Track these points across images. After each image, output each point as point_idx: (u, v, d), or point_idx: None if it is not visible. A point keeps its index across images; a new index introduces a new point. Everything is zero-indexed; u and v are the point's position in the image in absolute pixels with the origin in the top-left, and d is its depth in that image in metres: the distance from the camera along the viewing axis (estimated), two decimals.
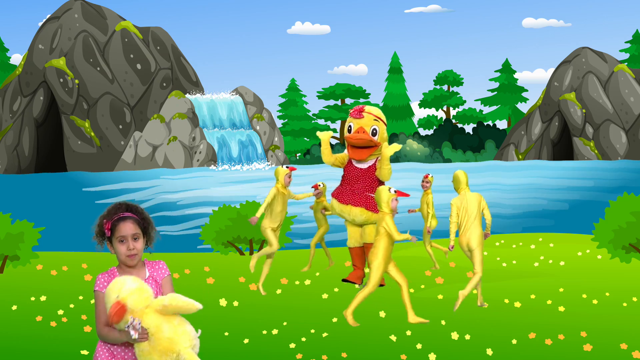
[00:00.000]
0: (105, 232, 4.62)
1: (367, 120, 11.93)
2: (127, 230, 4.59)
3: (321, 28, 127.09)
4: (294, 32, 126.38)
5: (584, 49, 56.30)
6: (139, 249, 4.62)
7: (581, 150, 53.63)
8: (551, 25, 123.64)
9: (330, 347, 8.18)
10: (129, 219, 4.62)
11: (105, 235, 4.63)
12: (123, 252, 4.59)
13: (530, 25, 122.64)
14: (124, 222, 4.61)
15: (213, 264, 14.38)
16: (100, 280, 4.63)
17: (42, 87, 49.96)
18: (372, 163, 12.15)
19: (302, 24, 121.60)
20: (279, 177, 11.40)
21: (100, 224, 4.64)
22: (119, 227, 4.60)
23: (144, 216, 4.69)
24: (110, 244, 4.63)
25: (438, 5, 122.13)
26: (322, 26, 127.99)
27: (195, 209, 29.58)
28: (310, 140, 74.22)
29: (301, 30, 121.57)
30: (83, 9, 51.39)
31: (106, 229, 4.60)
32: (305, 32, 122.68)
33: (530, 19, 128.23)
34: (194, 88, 53.02)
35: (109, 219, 4.63)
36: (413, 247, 16.03)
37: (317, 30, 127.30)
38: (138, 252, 4.61)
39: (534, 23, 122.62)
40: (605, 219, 13.08)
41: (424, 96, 76.59)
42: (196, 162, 48.25)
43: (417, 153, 62.93)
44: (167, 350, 4.42)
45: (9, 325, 9.37)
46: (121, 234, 4.59)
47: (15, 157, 50.04)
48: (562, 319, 9.36)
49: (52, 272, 13.12)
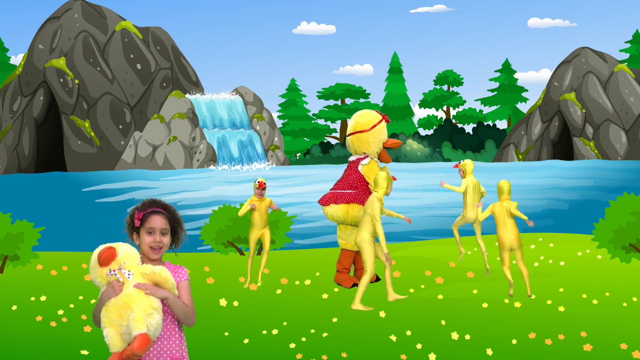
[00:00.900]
0: (135, 223, 4.66)
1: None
2: (157, 224, 4.65)
3: (327, 28, 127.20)
4: (300, 32, 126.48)
5: (584, 49, 56.29)
6: (165, 243, 4.67)
7: (581, 150, 53.63)
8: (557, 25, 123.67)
9: (330, 347, 8.18)
10: (161, 214, 4.69)
11: (134, 226, 4.67)
12: (147, 243, 4.63)
13: (535, 25, 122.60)
14: (155, 215, 4.67)
15: (213, 264, 14.38)
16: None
17: (42, 87, 49.95)
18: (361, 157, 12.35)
19: (308, 24, 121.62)
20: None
21: (133, 214, 4.69)
22: (150, 219, 4.65)
23: (175, 216, 4.76)
24: (137, 236, 4.66)
25: (444, 5, 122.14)
26: (328, 26, 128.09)
27: (195, 209, 29.58)
28: (310, 140, 74.23)
29: (307, 30, 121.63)
30: (83, 9, 51.39)
31: (137, 219, 4.65)
32: (311, 32, 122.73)
33: (536, 19, 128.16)
34: (194, 88, 53.01)
35: (142, 210, 4.68)
36: (413, 247, 16.02)
37: (323, 30, 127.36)
38: (163, 245, 4.66)
39: (540, 23, 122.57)
40: (605, 219, 13.07)
41: (424, 96, 76.60)
42: (196, 162, 48.24)
43: (417, 153, 62.93)
44: (124, 305, 4.42)
45: (9, 325, 9.37)
46: (150, 226, 4.65)
47: (15, 157, 50.03)
48: (562, 319, 9.36)
49: (52, 272, 13.12)
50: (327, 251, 16.52)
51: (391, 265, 10.41)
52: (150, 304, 4.44)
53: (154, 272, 4.50)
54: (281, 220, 15.73)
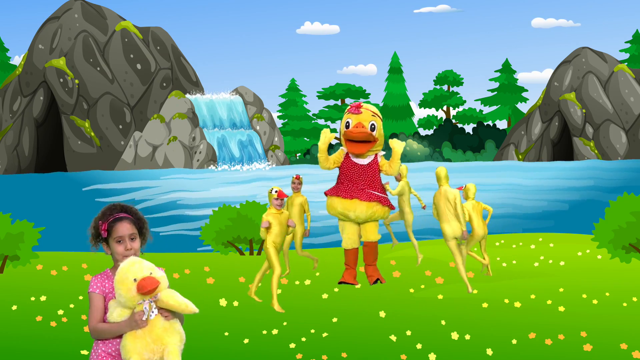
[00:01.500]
0: (101, 234, 4.61)
1: (365, 116, 11.96)
2: (124, 231, 4.59)
3: (330, 28, 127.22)
4: (303, 32, 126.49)
5: (584, 49, 56.28)
6: (136, 248, 4.62)
7: (581, 150, 53.63)
8: (560, 25, 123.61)
9: (330, 347, 8.17)
10: (125, 220, 4.62)
11: (100, 236, 4.62)
12: (121, 252, 4.59)
13: (539, 25, 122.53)
14: (120, 223, 4.60)
15: (213, 264, 14.38)
16: (94, 282, 4.63)
17: (42, 87, 49.95)
18: (372, 159, 12.15)
19: (312, 24, 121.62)
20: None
21: (96, 225, 4.63)
22: (116, 228, 4.59)
23: (138, 216, 4.70)
24: (107, 245, 4.62)
25: (447, 5, 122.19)
26: (332, 26, 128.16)
27: (195, 209, 29.58)
28: (310, 140, 74.20)
29: (310, 30, 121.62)
30: (83, 9, 51.39)
31: (102, 230, 4.59)
32: (315, 32, 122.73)
33: (540, 18, 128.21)
34: (194, 88, 53.01)
35: (104, 220, 4.62)
36: (414, 247, 16.01)
37: (327, 30, 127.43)
38: (136, 251, 4.62)
39: (544, 23, 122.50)
40: (605, 219, 13.07)
41: (424, 96, 76.58)
42: (196, 162, 48.24)
43: (417, 153, 62.92)
44: (157, 340, 4.43)
45: (9, 325, 9.37)
46: (118, 235, 4.58)
47: (15, 157, 50.03)
48: (562, 319, 9.36)
49: (52, 272, 13.12)
50: (328, 251, 16.53)
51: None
52: (181, 337, 4.48)
53: (160, 300, 4.51)
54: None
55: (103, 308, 4.60)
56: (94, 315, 4.60)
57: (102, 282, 4.65)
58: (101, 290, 4.62)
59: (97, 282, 4.66)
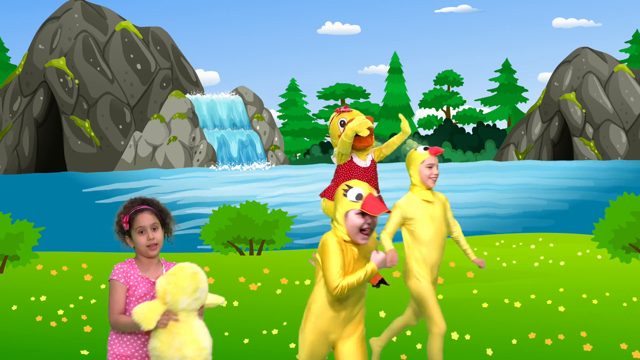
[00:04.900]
0: (123, 227, 4.64)
1: (357, 114, 11.99)
2: (145, 221, 4.64)
3: (351, 28, 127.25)
4: (324, 32, 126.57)
5: (584, 49, 56.28)
6: (159, 238, 4.65)
7: (581, 150, 53.63)
8: (582, 25, 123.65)
9: None
10: (146, 211, 4.68)
11: (124, 230, 4.65)
12: (143, 243, 4.61)
13: (560, 25, 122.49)
14: (141, 214, 4.66)
15: (213, 264, 14.38)
16: (118, 269, 4.63)
17: (42, 87, 49.95)
18: (370, 161, 12.16)
19: (333, 24, 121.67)
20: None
21: (119, 220, 4.68)
22: (137, 219, 4.65)
23: (160, 207, 4.75)
24: (130, 238, 4.65)
25: (468, 5, 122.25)
26: (352, 26, 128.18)
27: (195, 209, 29.56)
28: (310, 140, 74.22)
29: (331, 30, 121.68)
30: (83, 9, 51.38)
31: (124, 223, 4.64)
32: (336, 32, 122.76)
33: (561, 18, 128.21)
34: (194, 88, 53.01)
35: (125, 213, 4.68)
36: None
37: (347, 30, 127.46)
38: (158, 241, 4.65)
39: (564, 23, 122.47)
40: (605, 219, 13.07)
41: (424, 96, 76.58)
42: (196, 162, 48.24)
43: None
44: (195, 341, 4.61)
45: (9, 325, 9.37)
46: (140, 225, 4.63)
47: (15, 157, 50.03)
48: (562, 319, 9.36)
49: (52, 272, 13.12)
50: None
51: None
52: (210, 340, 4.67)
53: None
54: (281, 220, 15.73)
55: (125, 299, 4.58)
56: (114, 307, 4.57)
57: (126, 272, 4.62)
58: (125, 281, 4.59)
59: (121, 271, 4.64)
